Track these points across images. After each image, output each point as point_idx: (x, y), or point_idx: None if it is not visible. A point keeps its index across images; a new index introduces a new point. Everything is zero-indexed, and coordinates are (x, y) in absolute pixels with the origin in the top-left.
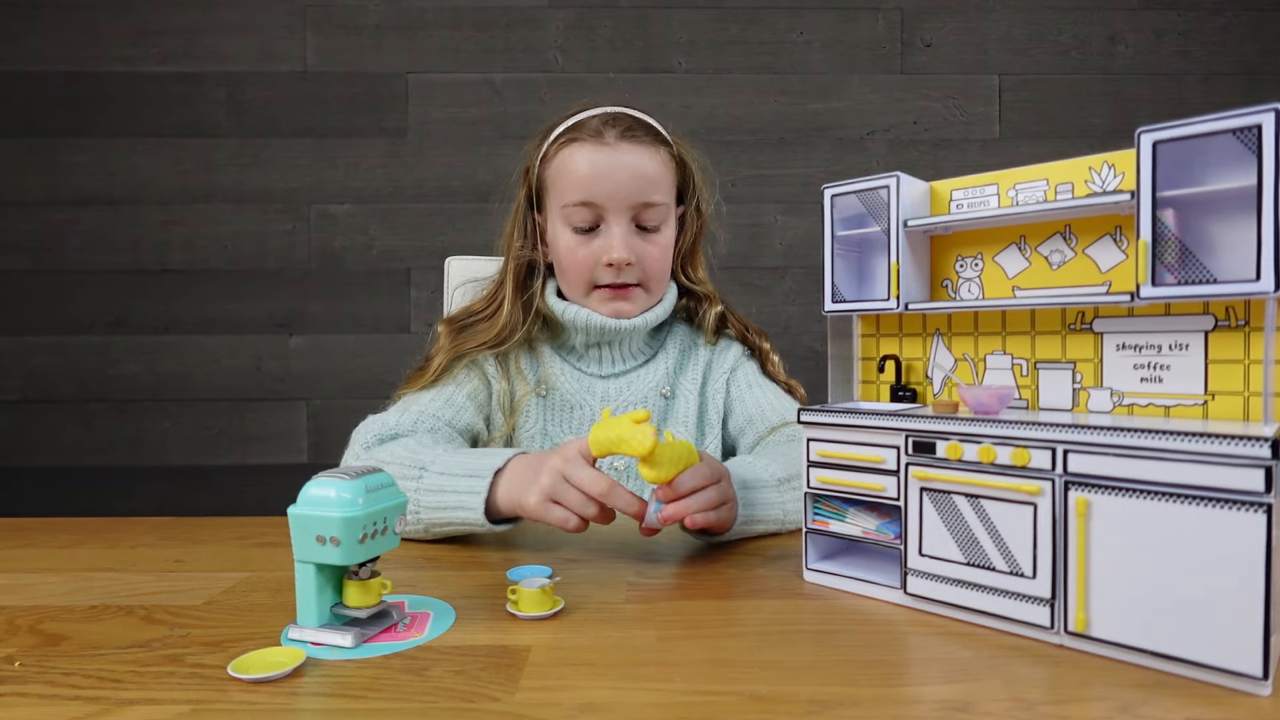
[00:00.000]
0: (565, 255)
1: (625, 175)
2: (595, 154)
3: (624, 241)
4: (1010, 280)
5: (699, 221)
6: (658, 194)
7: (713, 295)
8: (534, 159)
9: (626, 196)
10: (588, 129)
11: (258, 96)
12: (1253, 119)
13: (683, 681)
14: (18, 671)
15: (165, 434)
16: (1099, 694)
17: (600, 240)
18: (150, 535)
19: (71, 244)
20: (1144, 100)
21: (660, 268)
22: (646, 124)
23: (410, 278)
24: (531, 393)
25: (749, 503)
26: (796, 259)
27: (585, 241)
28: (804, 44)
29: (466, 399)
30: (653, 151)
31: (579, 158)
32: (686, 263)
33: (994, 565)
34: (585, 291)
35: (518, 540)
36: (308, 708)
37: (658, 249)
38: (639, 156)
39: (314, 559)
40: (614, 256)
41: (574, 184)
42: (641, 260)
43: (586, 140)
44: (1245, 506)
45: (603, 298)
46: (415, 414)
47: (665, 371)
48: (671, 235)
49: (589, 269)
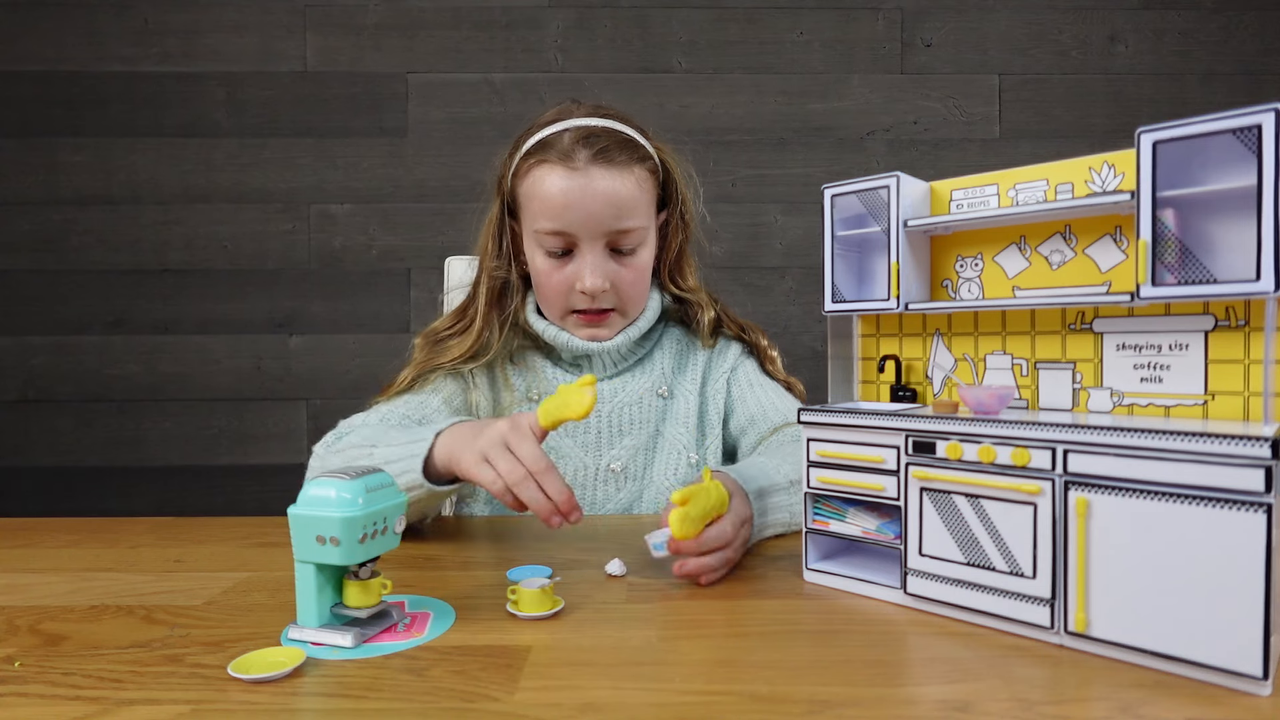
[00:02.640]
0: (541, 278)
1: (597, 204)
2: (566, 180)
3: (597, 269)
4: (1010, 280)
5: (684, 228)
6: (632, 219)
7: (705, 302)
8: (506, 170)
9: (599, 224)
10: (558, 150)
11: (257, 96)
12: (1253, 119)
13: (683, 681)
14: (18, 671)
15: (165, 434)
16: (1099, 694)
17: (574, 266)
18: (150, 535)
19: (71, 244)
20: (1144, 100)
21: (637, 290)
22: (622, 140)
23: (410, 278)
24: (523, 400)
25: (763, 510)
26: (796, 259)
27: (559, 266)
28: (804, 44)
29: (442, 403)
30: (625, 174)
31: (549, 182)
32: (674, 271)
33: (994, 565)
34: (561, 315)
35: (518, 540)
36: (308, 708)
37: (633, 272)
38: (612, 181)
39: (314, 559)
40: (586, 285)
41: (544, 210)
42: (617, 286)
43: (556, 164)
44: (1245, 506)
45: (578, 323)
46: (381, 413)
47: (662, 372)
48: (650, 254)
49: (563, 294)
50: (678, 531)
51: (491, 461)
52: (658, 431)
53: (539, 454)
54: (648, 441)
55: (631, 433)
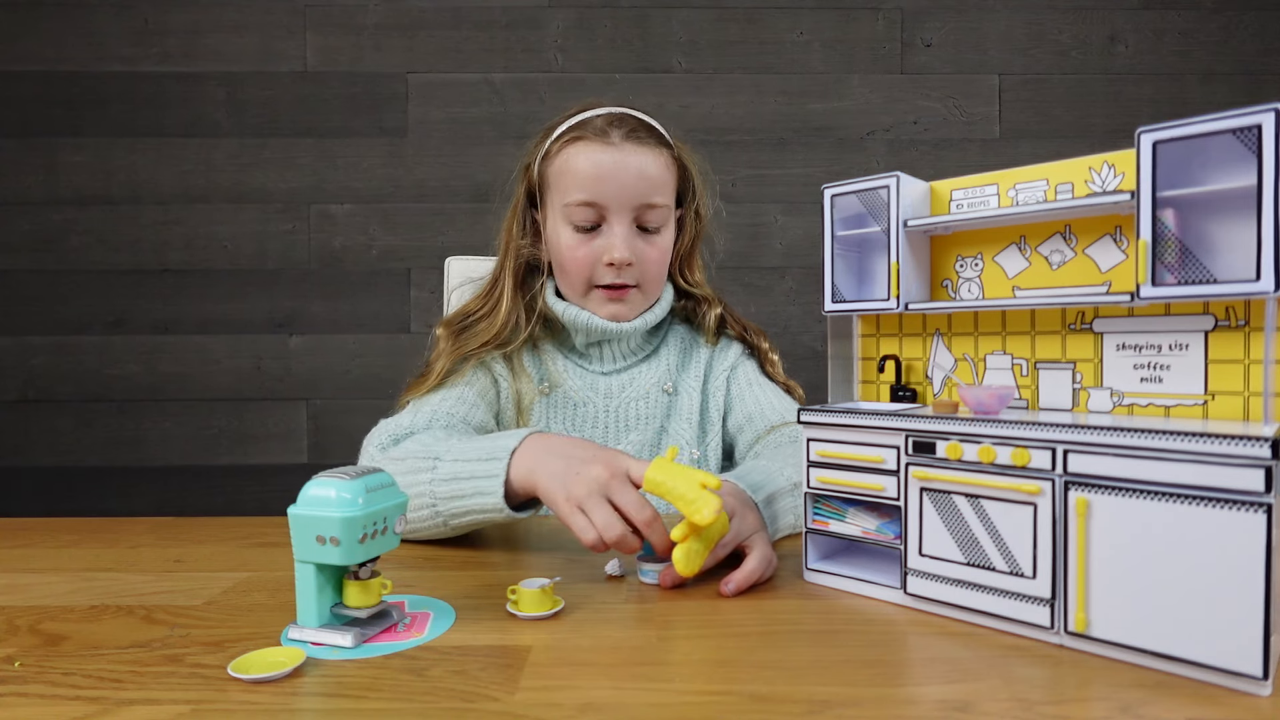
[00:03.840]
0: (565, 253)
1: (630, 176)
2: (600, 153)
3: (625, 242)
4: (1010, 280)
5: (698, 225)
6: (660, 196)
7: (711, 298)
8: (535, 156)
9: (630, 197)
10: (592, 128)
11: (258, 96)
12: (1253, 119)
13: (683, 681)
14: (18, 671)
15: (165, 434)
16: (1099, 694)
17: (601, 240)
18: (150, 535)
19: (71, 244)
20: (1144, 100)
21: (658, 270)
22: (650, 126)
23: (410, 278)
24: (538, 391)
25: (772, 516)
26: (796, 259)
27: (586, 241)
28: (804, 44)
29: (477, 397)
30: (656, 153)
31: (583, 157)
32: (685, 265)
33: (994, 565)
34: (584, 291)
35: (518, 540)
36: (308, 708)
37: (657, 251)
38: (643, 158)
39: (314, 559)
40: (615, 256)
41: (577, 183)
42: (641, 261)
43: (591, 139)
44: (1245, 506)
45: (600, 299)
46: (428, 413)
47: (668, 368)
48: (671, 238)
49: (589, 268)
50: (683, 569)
51: (587, 511)
52: (663, 428)
53: (643, 503)
54: (653, 437)
55: (638, 428)
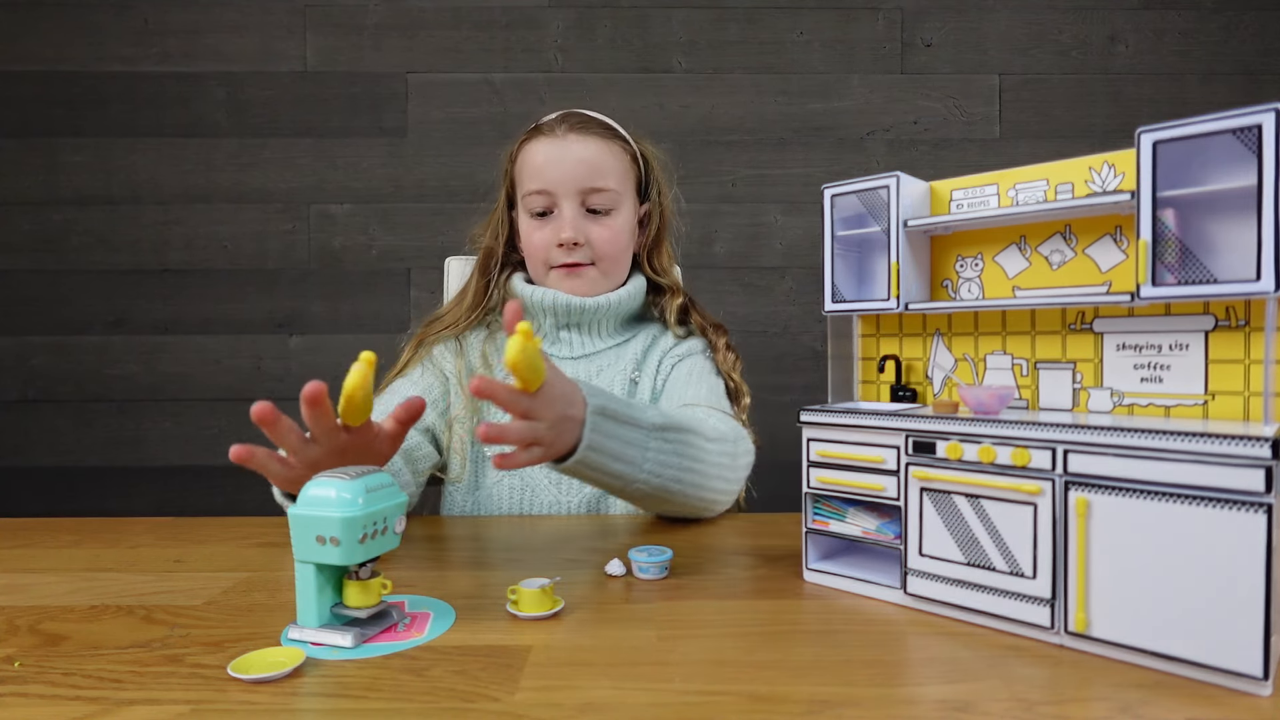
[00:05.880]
0: (525, 239)
1: (572, 162)
2: (548, 146)
3: (573, 223)
4: (1010, 280)
5: (661, 215)
6: (605, 180)
7: (676, 287)
8: (507, 161)
9: (574, 181)
10: (545, 126)
11: (257, 96)
12: (1253, 119)
13: (683, 681)
14: (18, 671)
15: (165, 434)
16: (1099, 694)
17: (554, 223)
18: (150, 535)
19: (71, 244)
20: (1144, 100)
21: (611, 249)
22: (600, 122)
23: (410, 278)
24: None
25: (603, 432)
26: (796, 259)
27: (541, 225)
28: (804, 44)
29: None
30: (601, 143)
31: (535, 151)
32: (652, 255)
33: (994, 565)
34: (545, 272)
35: (518, 539)
36: (308, 708)
37: (609, 231)
38: (586, 146)
39: (314, 559)
40: (564, 236)
41: (530, 174)
42: (591, 241)
43: (543, 135)
44: (1245, 506)
45: (559, 277)
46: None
47: (634, 357)
48: (625, 221)
49: (545, 249)
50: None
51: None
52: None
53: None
54: None
55: None
